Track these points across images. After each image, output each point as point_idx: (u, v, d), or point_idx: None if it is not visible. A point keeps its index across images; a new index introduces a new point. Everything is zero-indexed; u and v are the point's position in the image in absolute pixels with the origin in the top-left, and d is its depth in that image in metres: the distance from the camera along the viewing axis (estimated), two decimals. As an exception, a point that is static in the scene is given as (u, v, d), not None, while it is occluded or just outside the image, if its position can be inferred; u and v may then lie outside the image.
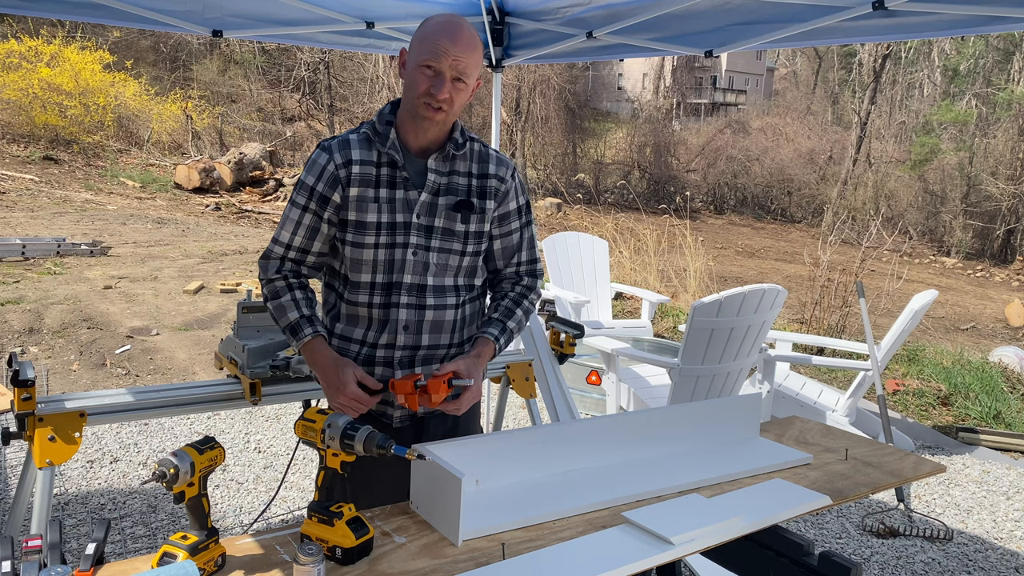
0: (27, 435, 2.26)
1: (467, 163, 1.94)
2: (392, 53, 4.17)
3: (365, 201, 1.86)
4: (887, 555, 3.52)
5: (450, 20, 1.82)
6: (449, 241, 1.91)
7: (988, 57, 25.12)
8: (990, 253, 20.10)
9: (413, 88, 1.82)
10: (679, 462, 2.00)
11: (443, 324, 1.94)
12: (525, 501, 1.73)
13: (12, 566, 1.32)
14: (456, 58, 1.78)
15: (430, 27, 1.83)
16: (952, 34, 3.02)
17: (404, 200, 1.87)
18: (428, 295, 1.91)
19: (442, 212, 1.90)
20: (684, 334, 3.97)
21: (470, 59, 1.81)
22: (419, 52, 1.81)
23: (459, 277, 1.96)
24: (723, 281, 11.03)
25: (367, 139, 1.89)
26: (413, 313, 1.90)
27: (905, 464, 2.08)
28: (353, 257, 1.89)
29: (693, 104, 36.38)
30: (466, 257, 1.95)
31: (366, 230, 1.86)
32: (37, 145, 17.22)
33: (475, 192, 1.94)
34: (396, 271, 1.89)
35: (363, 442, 1.51)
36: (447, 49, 1.77)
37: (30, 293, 7.58)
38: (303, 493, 3.81)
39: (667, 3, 3.27)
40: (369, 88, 21.46)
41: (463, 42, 1.79)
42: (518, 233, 2.03)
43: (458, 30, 1.80)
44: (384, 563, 1.46)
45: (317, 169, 1.87)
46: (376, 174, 1.87)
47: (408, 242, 1.88)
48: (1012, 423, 5.42)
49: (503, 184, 1.97)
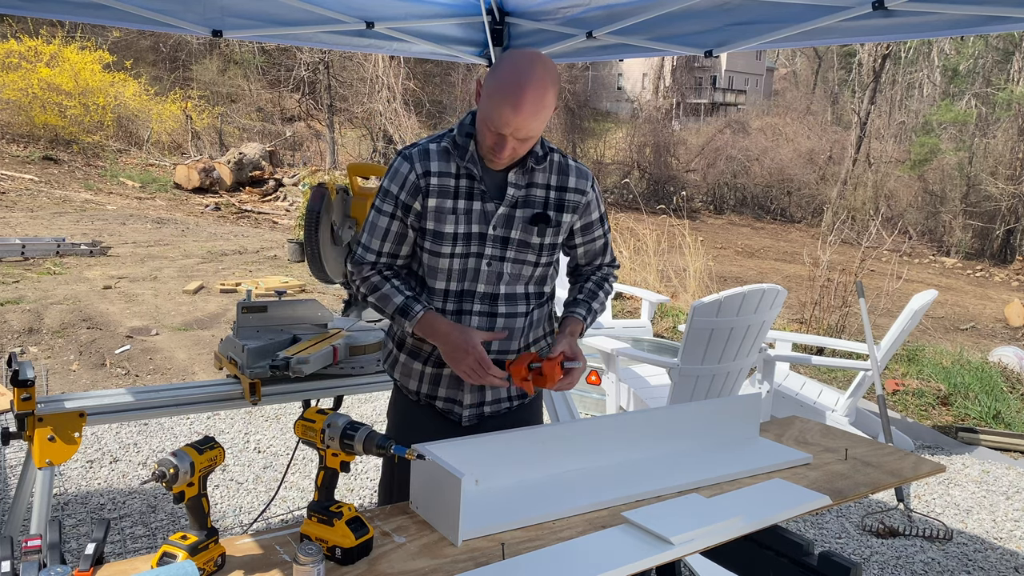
0: (27, 435, 2.26)
1: (546, 175, 1.96)
2: (392, 53, 4.17)
3: (443, 212, 1.90)
4: (887, 555, 3.52)
5: (520, 83, 1.74)
6: (524, 252, 1.96)
7: (988, 57, 25.13)
8: (990, 253, 20.10)
9: (481, 134, 1.84)
10: (679, 462, 2.00)
11: (513, 331, 2.00)
12: (525, 501, 1.73)
13: (12, 566, 1.32)
14: (517, 128, 1.77)
15: (498, 87, 1.77)
16: (952, 34, 3.02)
17: (481, 212, 1.91)
18: (500, 303, 1.97)
19: (519, 224, 1.94)
20: (684, 334, 3.97)
21: (531, 122, 1.78)
22: (485, 110, 1.80)
23: (530, 285, 2.02)
24: (723, 281, 11.03)
25: (446, 151, 1.91)
26: (484, 320, 1.96)
27: (905, 464, 2.08)
28: (430, 264, 1.95)
29: (693, 104, 36.37)
30: (539, 268, 2.00)
31: (443, 240, 1.91)
32: (37, 145, 17.22)
33: (552, 205, 1.96)
34: (470, 280, 1.95)
35: (363, 442, 1.52)
36: (509, 121, 1.76)
37: (30, 293, 7.58)
38: (303, 493, 3.81)
39: (667, 3, 3.27)
40: (369, 88, 21.44)
41: (526, 111, 1.75)
42: (601, 239, 2.11)
43: (522, 97, 1.74)
44: (384, 563, 1.46)
45: (400, 178, 1.91)
46: (455, 185, 1.90)
47: (483, 252, 1.93)
48: (1012, 423, 5.42)
49: (584, 196, 1.99)
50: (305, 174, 17.80)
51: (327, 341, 2.79)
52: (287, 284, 8.69)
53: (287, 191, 16.98)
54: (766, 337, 4.45)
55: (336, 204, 3.02)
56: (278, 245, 11.67)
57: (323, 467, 1.57)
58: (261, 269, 9.92)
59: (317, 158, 21.62)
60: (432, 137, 1.97)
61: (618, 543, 1.55)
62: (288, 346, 2.76)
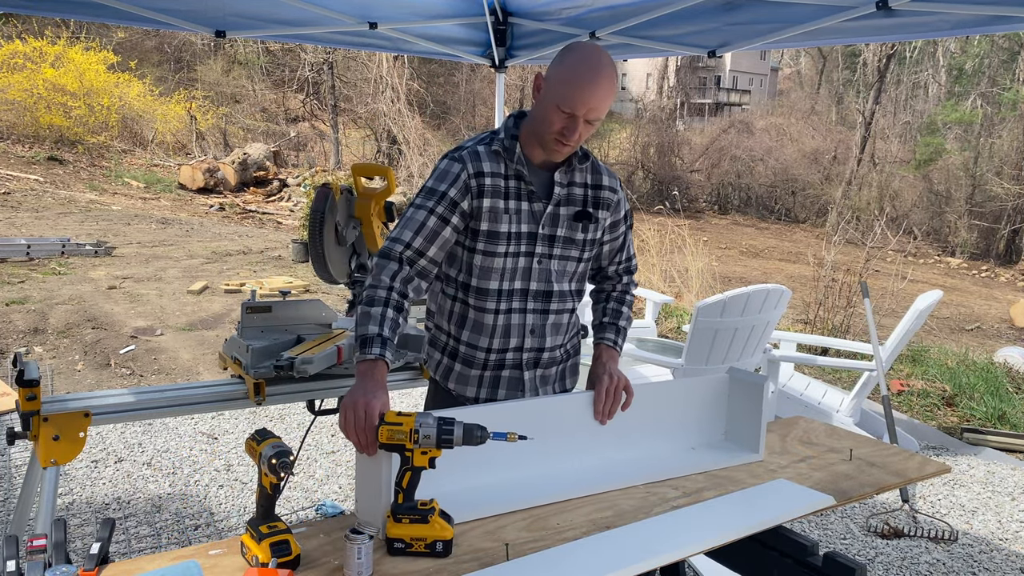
0: (32, 435, 2.26)
1: (584, 174, 2.04)
2: (395, 52, 4.17)
3: (497, 212, 1.93)
4: (892, 556, 3.51)
5: (593, 65, 1.82)
6: (569, 249, 2.03)
7: (993, 57, 25.05)
8: (995, 253, 20.03)
9: (546, 123, 1.87)
10: (676, 452, 2.00)
11: (561, 326, 2.08)
12: (522, 489, 1.74)
13: (17, 565, 1.33)
14: (592, 107, 1.82)
15: (573, 70, 1.82)
16: (956, 34, 3.02)
17: (530, 211, 1.97)
18: (552, 300, 2.03)
19: (564, 222, 2.00)
20: (688, 334, 3.97)
21: (605, 102, 1.85)
22: (558, 93, 1.83)
23: (573, 282, 2.08)
24: (727, 281, 11.01)
25: (497, 153, 1.95)
26: (538, 317, 2.03)
27: (910, 465, 2.08)
28: (484, 265, 1.97)
29: (697, 104, 36.36)
30: (582, 263, 2.08)
31: (498, 240, 1.95)
32: (42, 145, 17.27)
33: (591, 202, 2.04)
34: (522, 279, 1.99)
35: (462, 435, 1.54)
36: (586, 100, 1.81)
37: (35, 293, 7.60)
38: (306, 493, 3.82)
39: (670, 3, 3.27)
40: (373, 88, 21.45)
41: (603, 91, 1.82)
42: (623, 237, 2.17)
43: (598, 77, 1.81)
44: (387, 563, 1.46)
45: (451, 177, 1.91)
46: (505, 186, 1.95)
47: (534, 251, 1.98)
48: (1017, 424, 5.41)
49: (615, 195, 2.08)
50: (309, 175, 17.83)
51: (331, 341, 2.80)
52: (291, 284, 8.71)
53: (291, 191, 17.01)
54: (770, 337, 4.45)
55: (340, 204, 3.03)
56: (282, 245, 11.69)
57: (409, 467, 1.55)
58: (265, 269, 9.93)
59: (321, 158, 21.66)
60: (477, 139, 2.00)
61: (621, 544, 1.55)
62: (292, 346, 2.76)
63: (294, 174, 18.17)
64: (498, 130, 2.01)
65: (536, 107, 1.91)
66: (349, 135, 23.37)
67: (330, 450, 4.37)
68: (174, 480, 3.92)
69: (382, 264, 1.89)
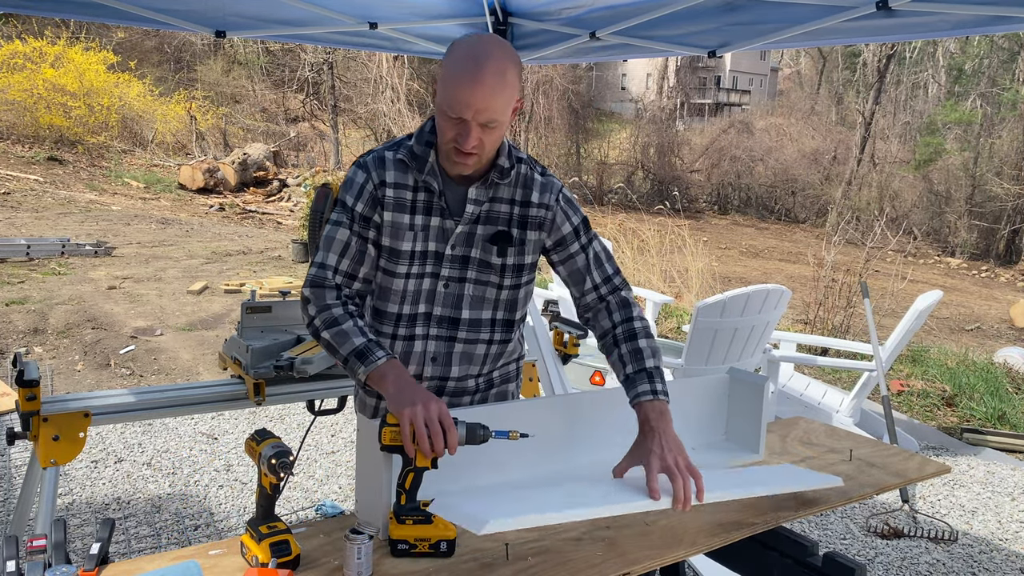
0: (32, 435, 2.27)
1: (511, 189, 1.79)
2: (395, 52, 4.18)
3: (400, 228, 1.74)
4: (891, 556, 3.51)
5: (476, 61, 1.59)
6: (486, 273, 1.80)
7: (993, 57, 25.05)
8: (995, 253, 20.03)
9: (441, 132, 1.67)
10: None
11: (473, 356, 1.85)
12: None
13: (17, 566, 1.33)
14: (479, 109, 1.59)
15: (453, 69, 1.61)
16: (956, 34, 3.01)
17: (440, 228, 1.76)
18: (461, 328, 1.81)
19: (479, 243, 1.78)
20: (688, 334, 3.97)
21: (496, 102, 1.60)
22: (442, 97, 1.62)
23: (498, 311, 1.85)
24: (727, 281, 11.01)
25: (403, 163, 1.74)
26: (443, 345, 1.82)
27: (909, 465, 2.08)
28: (383, 285, 1.80)
29: (697, 104, 36.35)
30: (504, 291, 1.83)
31: (399, 258, 1.76)
32: (42, 146, 17.27)
33: (516, 222, 1.79)
34: (425, 302, 1.79)
35: (466, 433, 1.52)
36: (468, 102, 1.58)
37: (35, 293, 7.60)
38: (306, 493, 3.82)
39: (670, 3, 3.26)
40: (373, 88, 21.47)
41: (487, 89, 1.58)
42: (581, 255, 1.85)
43: (481, 74, 1.57)
44: (387, 563, 1.46)
45: (356, 188, 1.74)
46: (412, 199, 1.74)
47: (440, 273, 1.78)
48: (1017, 424, 5.41)
49: (548, 212, 1.81)
50: (309, 175, 17.83)
51: (331, 341, 2.80)
52: (291, 284, 8.71)
53: (291, 191, 17.01)
54: (770, 338, 4.45)
55: (340, 204, 3.03)
56: (282, 245, 11.70)
57: (412, 468, 1.51)
58: (265, 269, 9.93)
59: (321, 158, 21.66)
60: (389, 144, 1.79)
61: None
62: (292, 346, 2.76)
63: (294, 174, 18.17)
64: (411, 135, 1.78)
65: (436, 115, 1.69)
66: (349, 135, 23.38)
67: (330, 450, 4.37)
68: (174, 480, 3.92)
69: (318, 292, 1.72)
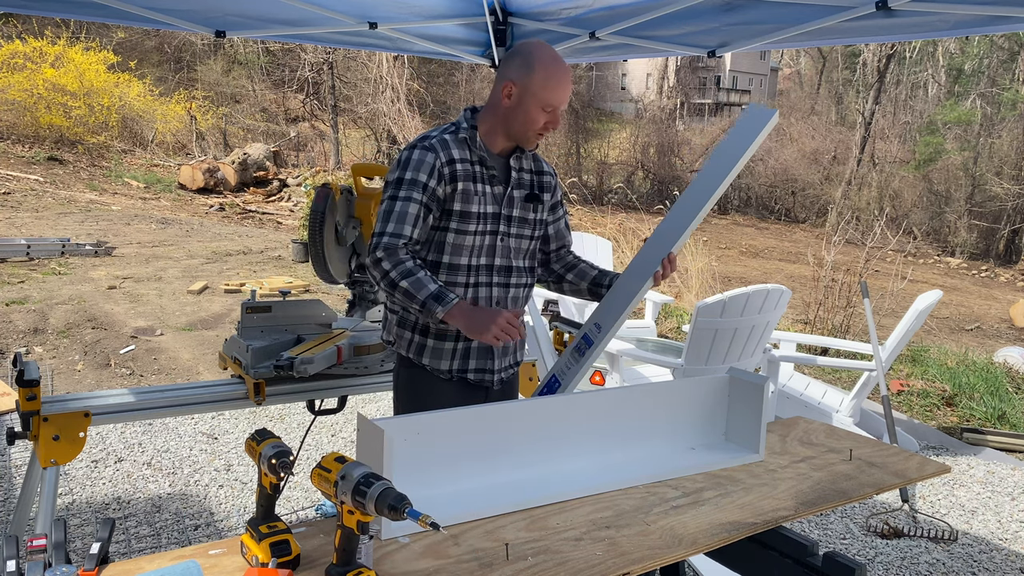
0: (32, 435, 2.27)
1: (528, 162, 2.31)
2: (395, 52, 4.17)
3: (469, 194, 2.15)
4: (891, 556, 3.51)
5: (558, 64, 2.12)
6: (523, 227, 2.28)
7: (993, 57, 25.07)
8: (995, 253, 20.03)
9: (527, 122, 2.14)
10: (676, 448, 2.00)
11: (519, 300, 2.31)
12: (522, 489, 1.74)
13: (17, 565, 1.33)
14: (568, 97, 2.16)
15: (549, 72, 2.11)
16: (956, 34, 3.02)
17: (493, 194, 2.20)
18: (512, 275, 2.27)
19: (518, 203, 2.26)
20: (688, 334, 3.97)
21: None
22: (542, 97, 2.10)
23: (527, 259, 2.33)
24: (727, 281, 11.01)
25: (464, 141, 2.17)
26: (501, 290, 2.25)
27: (909, 465, 2.08)
28: (455, 243, 2.17)
29: (697, 104, 36.30)
30: (533, 241, 2.33)
31: (470, 219, 2.16)
32: (42, 146, 17.26)
33: (536, 186, 2.31)
34: (487, 255, 2.21)
35: (375, 499, 1.28)
36: (564, 96, 2.14)
37: (35, 293, 7.60)
38: (306, 493, 3.82)
39: (669, 3, 3.27)
40: (373, 89, 21.45)
41: (570, 85, 2.17)
42: (563, 219, 2.46)
43: (568, 74, 2.14)
44: (387, 563, 1.46)
45: (426, 167, 2.10)
46: (474, 171, 2.17)
47: (498, 230, 2.21)
48: (1017, 424, 5.41)
49: (553, 179, 2.38)
50: (309, 175, 17.83)
51: (331, 341, 2.80)
52: (291, 284, 8.71)
53: (291, 191, 17.01)
54: (770, 338, 4.45)
55: (340, 204, 3.03)
56: (282, 245, 11.69)
57: (340, 524, 1.35)
58: (265, 269, 9.93)
59: (321, 158, 21.64)
60: (441, 130, 2.20)
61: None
62: (292, 346, 2.76)
63: (294, 174, 18.16)
64: (459, 122, 2.23)
65: (513, 111, 2.14)
66: (349, 135, 23.36)
67: (330, 450, 4.37)
68: (174, 480, 3.92)
69: (392, 252, 2.07)
